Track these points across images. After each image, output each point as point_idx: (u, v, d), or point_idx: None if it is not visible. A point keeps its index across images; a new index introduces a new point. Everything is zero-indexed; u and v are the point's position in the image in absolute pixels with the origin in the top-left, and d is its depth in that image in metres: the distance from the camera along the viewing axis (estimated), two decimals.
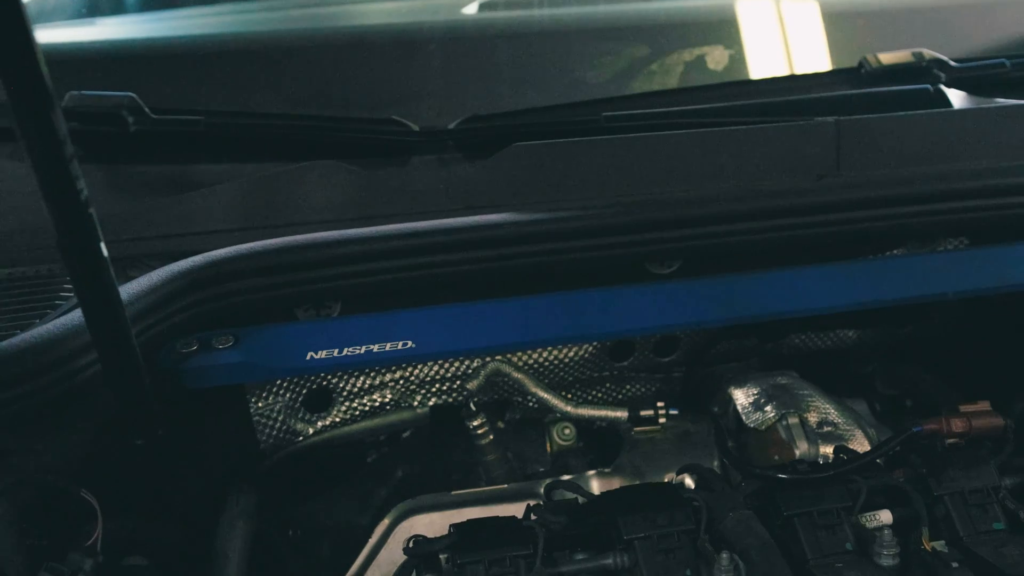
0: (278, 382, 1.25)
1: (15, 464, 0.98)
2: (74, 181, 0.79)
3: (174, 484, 1.15)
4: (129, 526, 1.04)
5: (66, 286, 1.15)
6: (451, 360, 1.30)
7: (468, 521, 1.08)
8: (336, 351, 1.11)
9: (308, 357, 1.10)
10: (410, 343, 1.12)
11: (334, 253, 1.14)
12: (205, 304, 1.10)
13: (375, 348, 1.11)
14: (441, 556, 1.09)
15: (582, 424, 1.36)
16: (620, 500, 1.09)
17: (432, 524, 1.22)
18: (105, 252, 0.85)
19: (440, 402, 1.35)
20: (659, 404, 1.30)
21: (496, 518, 1.09)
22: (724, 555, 0.98)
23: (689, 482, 1.18)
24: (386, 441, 1.42)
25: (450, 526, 1.07)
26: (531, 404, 1.39)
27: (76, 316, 1.02)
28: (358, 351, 1.11)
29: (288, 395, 1.26)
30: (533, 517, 1.08)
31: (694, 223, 1.20)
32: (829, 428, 1.23)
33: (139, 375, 0.96)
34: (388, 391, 1.32)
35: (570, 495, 1.14)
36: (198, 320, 1.10)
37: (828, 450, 1.20)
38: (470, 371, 1.31)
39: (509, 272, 1.19)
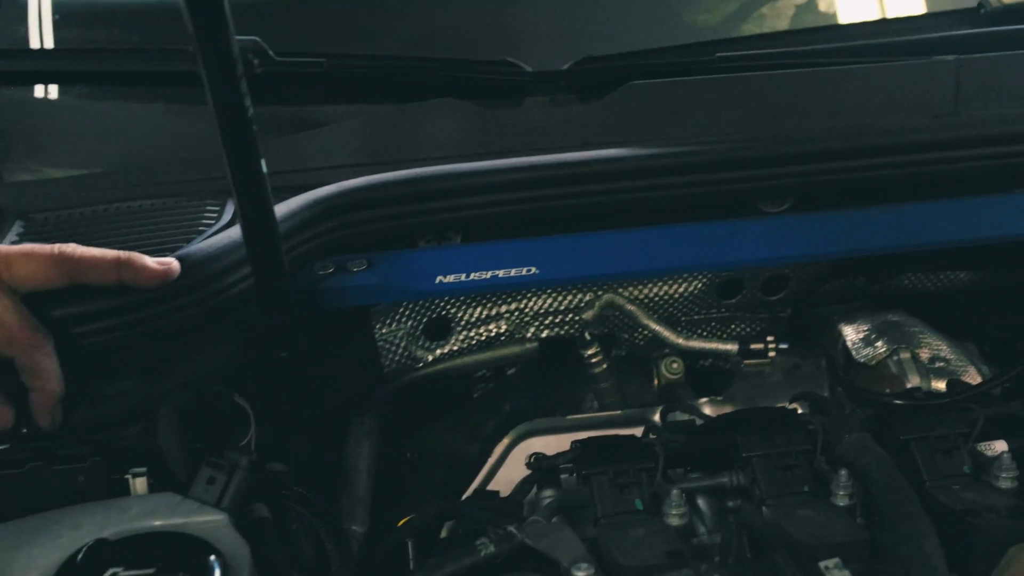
0: (401, 310, 1.30)
1: (175, 371, 1.06)
2: (243, 98, 0.85)
3: (308, 399, 1.22)
4: (270, 435, 1.10)
5: (207, 214, 1.22)
6: (565, 293, 1.35)
7: (589, 438, 1.13)
8: (464, 276, 1.16)
9: (437, 281, 1.16)
10: (534, 269, 1.17)
11: (458, 184, 1.19)
12: (338, 231, 1.16)
13: (500, 274, 1.17)
14: (562, 475, 1.15)
15: (690, 358, 1.40)
16: (737, 421, 1.13)
17: (548, 446, 1.26)
18: (265, 169, 0.91)
19: (552, 334, 1.39)
20: (768, 339, 1.33)
21: (616, 436, 1.13)
22: (843, 472, 1.01)
23: (802, 411, 1.21)
24: (492, 377, 1.47)
25: (572, 442, 1.12)
26: (638, 341, 1.43)
27: (226, 237, 1.08)
28: (484, 276, 1.16)
29: (410, 323, 1.32)
30: (652, 437, 1.13)
31: (808, 159, 1.23)
32: (941, 364, 1.25)
33: (286, 292, 1.02)
34: (503, 322, 1.37)
35: (686, 417, 1.18)
36: (332, 246, 1.17)
37: (940, 385, 1.22)
38: (583, 304, 1.35)
39: (623, 206, 1.23)
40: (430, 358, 1.36)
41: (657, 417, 1.26)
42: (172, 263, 1.02)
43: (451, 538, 1.14)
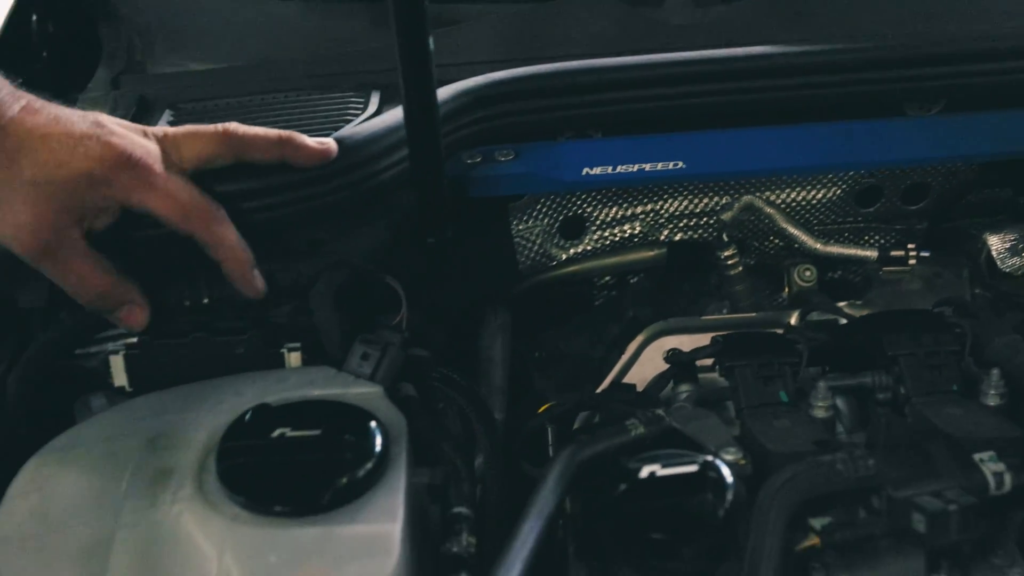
0: (538, 206, 1.31)
1: (329, 251, 1.08)
2: None
3: (448, 289, 1.24)
4: (415, 320, 1.13)
5: (351, 106, 1.24)
6: (701, 195, 1.34)
7: (730, 333, 1.13)
8: (610, 168, 1.17)
9: (583, 172, 1.17)
10: (680, 163, 1.17)
11: (605, 78, 1.19)
12: (485, 122, 1.18)
13: (647, 167, 1.17)
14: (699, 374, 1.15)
15: (825, 264, 1.38)
16: (881, 321, 1.12)
17: (682, 345, 1.27)
18: (432, 46, 0.93)
19: (685, 238, 1.39)
20: (910, 246, 1.31)
21: (757, 332, 1.14)
22: (995, 371, 1.00)
23: None
24: (615, 285, 1.48)
25: (712, 337, 1.12)
26: (769, 249, 1.42)
27: (380, 122, 1.10)
28: (631, 169, 1.17)
29: (546, 220, 1.33)
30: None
31: (963, 60, 1.20)
32: None
33: (440, 177, 1.04)
34: (638, 223, 1.37)
35: (828, 316, 1.17)
36: (478, 137, 1.18)
37: None
38: (719, 207, 1.35)
39: (767, 104, 1.22)
40: (563, 257, 1.37)
41: (795, 319, 1.25)
42: (331, 143, 1.04)
43: (587, 428, 1.16)
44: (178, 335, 1.04)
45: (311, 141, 1.03)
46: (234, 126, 1.02)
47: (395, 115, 1.11)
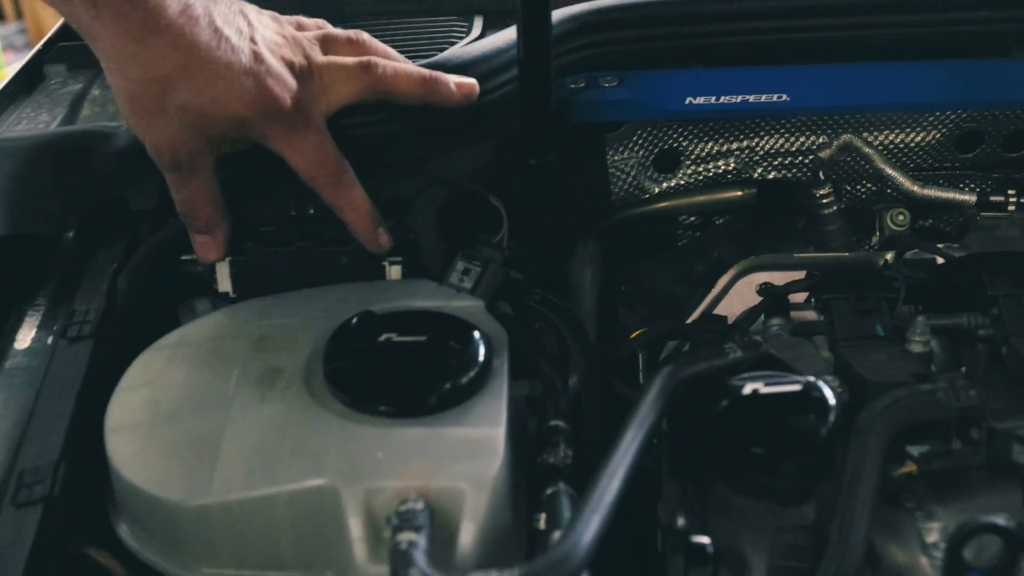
0: (634, 138, 1.31)
1: (430, 169, 1.10)
2: None
3: (544, 214, 1.25)
4: (510, 245, 1.14)
5: (456, 30, 1.25)
6: (798, 134, 1.34)
7: (826, 268, 1.13)
8: (713, 98, 1.17)
9: (687, 102, 1.17)
10: (784, 96, 1.17)
11: (709, 10, 1.19)
12: (589, 48, 1.18)
13: (751, 99, 1.17)
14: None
15: (920, 209, 1.37)
16: (981, 262, 1.11)
17: (772, 282, 1.27)
18: None
19: (778, 176, 1.39)
20: (1010, 191, 1.29)
21: (854, 268, 1.13)
22: None
23: None
24: (701, 226, 1.48)
25: (808, 272, 1.13)
26: (861, 193, 1.41)
27: (488, 44, 1.11)
28: (734, 100, 1.17)
29: (642, 152, 1.33)
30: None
31: None
32: None
33: (548, 99, 1.05)
34: (732, 159, 1.37)
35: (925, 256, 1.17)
36: (584, 63, 1.19)
37: None
38: (816, 146, 1.34)
39: (873, 40, 1.22)
40: (656, 190, 1.37)
41: (890, 257, 1.24)
42: (473, 84, 1.05)
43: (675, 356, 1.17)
44: (283, 244, 1.07)
45: (453, 79, 1.04)
46: (375, 62, 1.02)
47: (503, 37, 1.12)
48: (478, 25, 1.25)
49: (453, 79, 1.04)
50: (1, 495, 0.85)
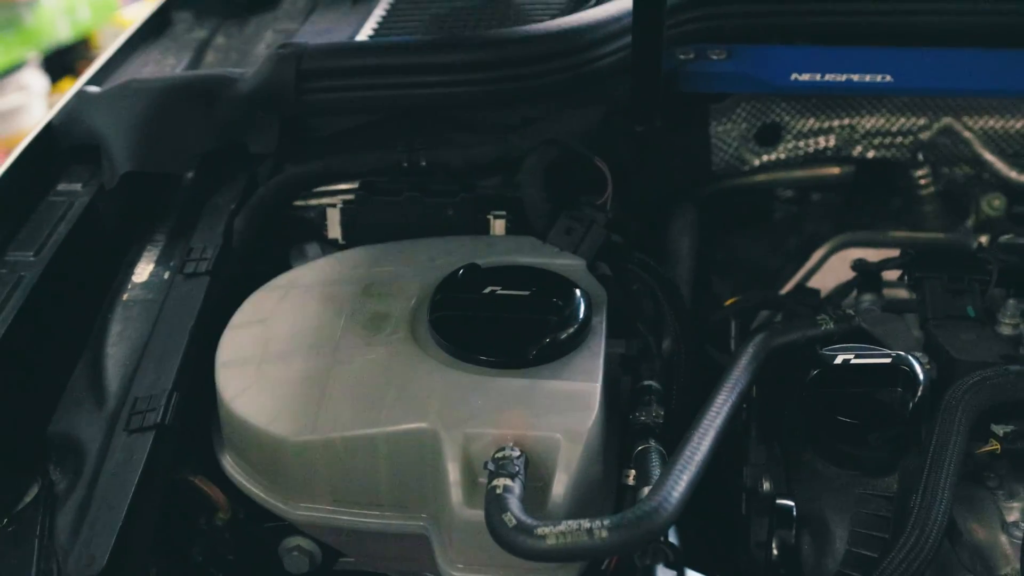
0: (738, 110, 1.33)
1: (540, 129, 1.13)
2: None
3: (647, 180, 1.28)
4: (613, 208, 1.17)
5: None
6: (899, 115, 1.34)
7: (921, 247, 1.14)
8: (818, 75, 1.18)
9: (792, 78, 1.19)
10: (888, 77, 1.18)
11: None
12: (698, 21, 1.20)
13: (855, 78, 1.18)
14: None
15: (1019, 193, 1.37)
16: None
17: (866, 258, 1.29)
18: None
19: (877, 156, 1.39)
20: None
21: (948, 249, 1.14)
22: None
23: None
24: (796, 201, 1.49)
25: (902, 250, 1.14)
26: (957, 178, 1.41)
27: (601, 11, 1.14)
28: (839, 78, 1.18)
29: (744, 124, 1.35)
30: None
31: None
32: None
33: (658, 67, 1.07)
34: (833, 136, 1.38)
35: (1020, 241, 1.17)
36: (693, 35, 1.21)
37: None
38: (917, 127, 1.34)
39: (980, 27, 1.22)
40: (756, 163, 1.39)
41: (984, 240, 1.25)
42: None
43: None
44: (392, 194, 1.11)
45: None
46: None
47: (617, 5, 1.14)
48: None
49: None
50: (115, 420, 0.90)
